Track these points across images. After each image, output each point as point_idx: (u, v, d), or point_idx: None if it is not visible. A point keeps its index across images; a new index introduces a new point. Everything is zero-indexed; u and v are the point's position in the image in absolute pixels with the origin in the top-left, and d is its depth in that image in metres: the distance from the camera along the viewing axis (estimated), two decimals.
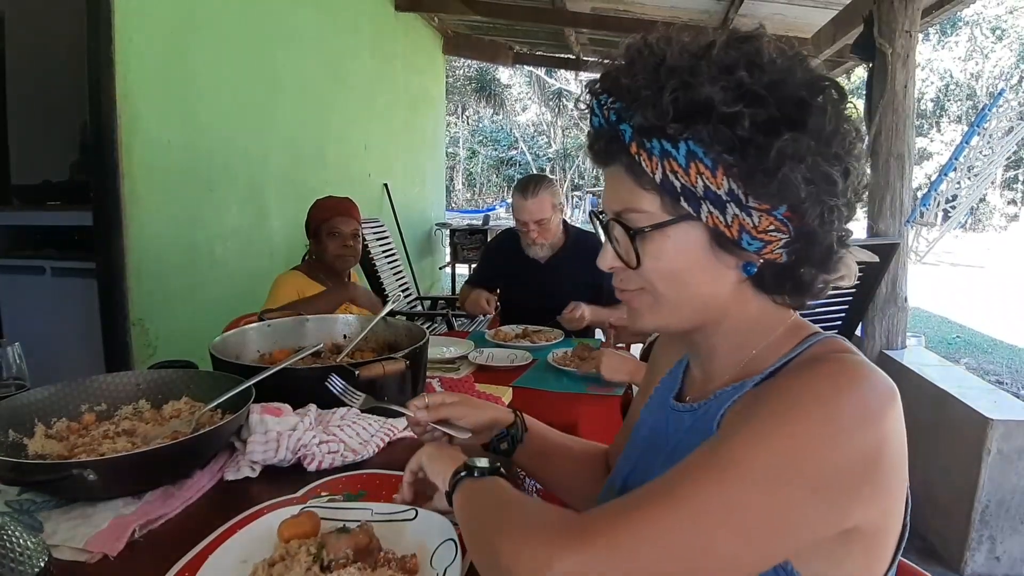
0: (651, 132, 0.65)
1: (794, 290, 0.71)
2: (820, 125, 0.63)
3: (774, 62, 0.64)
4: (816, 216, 0.65)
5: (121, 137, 2.53)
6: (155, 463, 0.97)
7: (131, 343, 2.62)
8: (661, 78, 0.64)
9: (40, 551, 0.75)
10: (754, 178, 0.63)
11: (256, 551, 0.80)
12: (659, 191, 0.67)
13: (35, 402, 1.14)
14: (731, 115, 0.62)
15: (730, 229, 0.65)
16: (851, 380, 0.60)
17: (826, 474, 0.57)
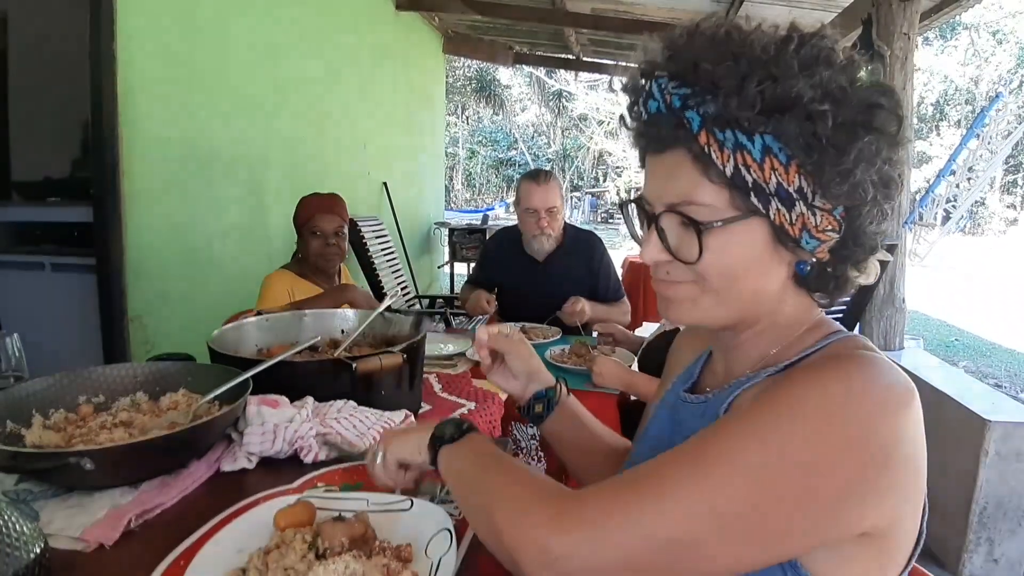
0: (727, 123, 0.62)
1: (835, 289, 0.71)
2: (889, 129, 0.64)
3: (844, 64, 0.64)
4: (871, 216, 0.66)
5: (122, 134, 2.53)
6: (152, 453, 0.97)
7: (129, 339, 2.62)
8: (742, 68, 0.62)
9: (36, 537, 0.75)
10: (828, 177, 0.63)
11: (252, 540, 0.80)
12: (728, 185, 0.64)
13: (33, 393, 1.14)
14: (818, 113, 0.61)
15: (793, 227, 0.65)
16: (865, 379, 0.59)
17: (820, 475, 0.55)
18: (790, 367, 0.69)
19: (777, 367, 0.71)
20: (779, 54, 0.62)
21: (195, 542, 0.85)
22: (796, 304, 0.73)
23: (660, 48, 0.67)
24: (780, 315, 0.73)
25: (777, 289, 0.71)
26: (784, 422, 0.57)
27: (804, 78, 0.61)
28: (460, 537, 0.83)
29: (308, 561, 0.72)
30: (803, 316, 0.73)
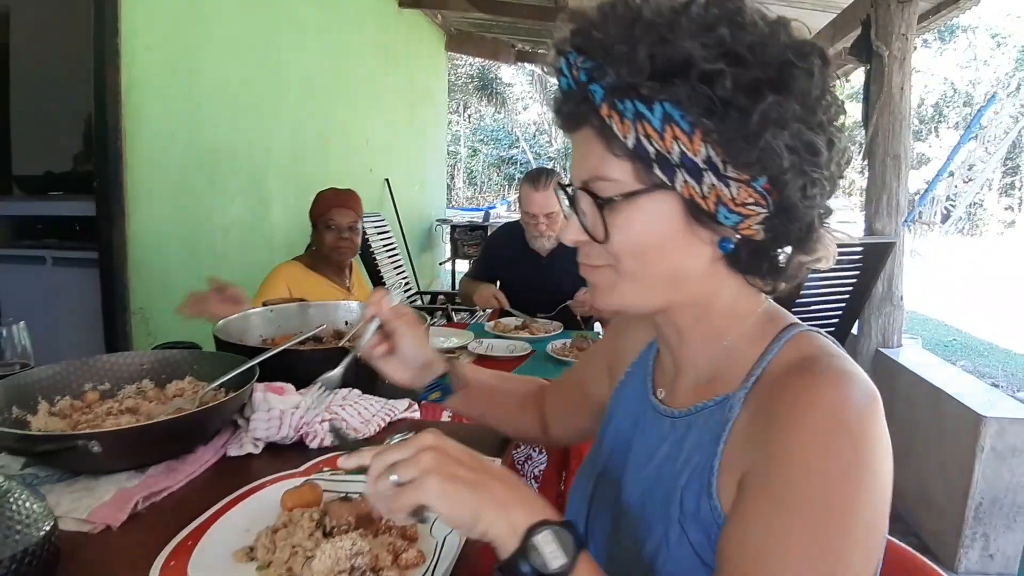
0: (624, 92, 0.59)
1: (771, 271, 0.67)
2: (805, 90, 0.60)
3: (756, 23, 0.60)
4: (798, 189, 0.61)
5: (125, 128, 2.54)
6: (159, 437, 0.99)
7: (131, 332, 2.63)
8: (636, 33, 0.59)
9: (45, 515, 0.76)
10: (734, 144, 0.59)
11: (259, 520, 0.82)
12: (631, 157, 0.61)
13: (38, 380, 1.16)
14: (712, 73, 0.57)
15: (707, 200, 0.61)
16: (855, 413, 0.58)
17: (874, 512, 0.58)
18: (758, 381, 0.67)
19: (745, 385, 0.67)
20: (675, 16, 0.59)
21: (202, 523, 0.86)
22: (734, 290, 0.69)
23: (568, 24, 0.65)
24: (717, 302, 0.69)
25: (702, 271, 0.66)
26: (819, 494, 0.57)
27: (699, 38, 0.58)
28: None
29: (315, 539, 0.74)
30: (745, 305, 0.70)
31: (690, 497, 0.66)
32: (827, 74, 0.62)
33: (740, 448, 0.64)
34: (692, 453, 0.68)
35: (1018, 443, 2.32)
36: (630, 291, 0.67)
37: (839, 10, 3.95)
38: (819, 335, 0.69)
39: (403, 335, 0.93)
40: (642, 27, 0.59)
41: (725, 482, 0.64)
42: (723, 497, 0.64)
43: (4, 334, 1.30)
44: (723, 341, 0.71)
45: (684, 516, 0.66)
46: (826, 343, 0.68)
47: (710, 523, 0.64)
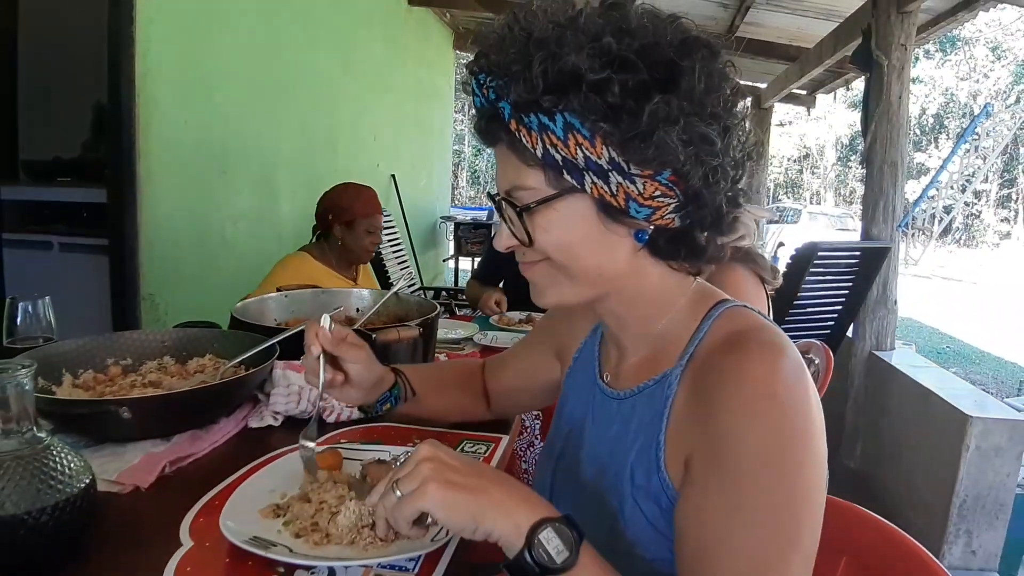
0: (527, 107, 0.64)
1: (689, 255, 0.71)
2: (691, 85, 0.63)
3: (644, 27, 0.64)
4: (700, 177, 0.65)
5: (138, 116, 2.58)
6: (186, 406, 1.05)
7: (141, 318, 2.68)
8: (530, 51, 0.63)
9: (84, 470, 0.81)
10: (631, 144, 0.63)
11: (283, 482, 0.87)
12: (542, 166, 0.66)
13: (63, 353, 1.21)
14: (599, 82, 0.61)
15: (616, 198, 0.65)
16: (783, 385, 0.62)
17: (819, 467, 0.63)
18: (692, 358, 0.71)
19: (680, 362, 0.72)
20: (562, 31, 0.63)
21: (229, 484, 0.91)
22: (661, 275, 0.73)
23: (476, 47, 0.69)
24: (646, 288, 0.74)
25: (625, 262, 0.71)
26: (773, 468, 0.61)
27: (585, 50, 0.61)
28: None
29: (340, 496, 0.80)
30: (673, 288, 0.75)
31: (640, 472, 0.71)
32: (714, 65, 0.65)
33: (682, 426, 0.69)
34: (638, 431, 0.73)
35: (1002, 443, 2.38)
36: (565, 285, 0.72)
37: (842, 19, 4.02)
38: (747, 309, 0.73)
39: (352, 361, 0.92)
40: (534, 45, 0.63)
41: (671, 456, 0.69)
42: (671, 471, 0.68)
43: (30, 309, 1.35)
44: (658, 323, 0.75)
45: (636, 490, 0.71)
46: (754, 317, 0.72)
47: (659, 494, 0.69)
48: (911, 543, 0.91)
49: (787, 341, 0.67)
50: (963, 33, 19.42)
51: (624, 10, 0.65)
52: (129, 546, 0.81)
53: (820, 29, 4.42)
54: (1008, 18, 18.52)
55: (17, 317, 1.29)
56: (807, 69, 4.81)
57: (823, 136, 24.03)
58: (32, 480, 0.74)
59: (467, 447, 1.08)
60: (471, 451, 1.07)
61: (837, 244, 3.62)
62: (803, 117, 20.85)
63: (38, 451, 0.76)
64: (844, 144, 23.67)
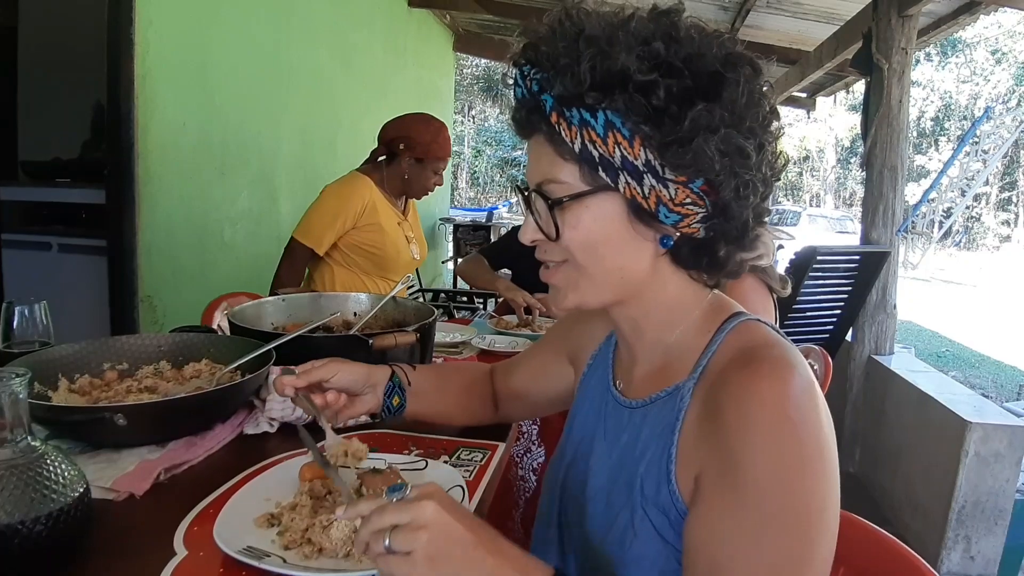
0: (570, 101, 0.65)
1: (710, 265, 0.72)
2: (733, 98, 0.64)
3: (691, 37, 0.66)
4: (731, 189, 0.66)
5: (138, 117, 2.58)
6: (181, 412, 1.04)
7: (139, 319, 2.67)
8: (580, 47, 0.64)
9: (79, 479, 0.81)
10: (669, 148, 0.64)
11: (278, 490, 0.87)
12: (578, 161, 0.67)
13: (59, 358, 1.21)
14: (646, 84, 0.63)
15: (647, 201, 0.66)
16: (795, 405, 0.62)
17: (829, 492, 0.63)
18: (704, 372, 0.71)
19: (692, 375, 0.71)
20: (613, 31, 0.64)
21: (224, 492, 0.91)
22: (679, 284, 0.74)
23: (522, 39, 0.71)
24: (663, 295, 0.74)
25: (647, 266, 0.71)
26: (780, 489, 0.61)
27: (635, 52, 0.63)
28: (471, 494, 0.90)
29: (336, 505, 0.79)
30: (690, 297, 0.75)
31: (650, 483, 0.71)
32: (756, 83, 0.67)
33: (693, 441, 0.68)
34: (649, 442, 0.73)
35: (1001, 448, 2.38)
36: (584, 287, 0.73)
37: (842, 22, 4.02)
38: (760, 323, 0.73)
39: (330, 375, 0.95)
40: (585, 42, 0.64)
41: (682, 470, 0.68)
42: (681, 484, 0.68)
43: (26, 313, 1.34)
44: (673, 333, 0.75)
45: (645, 500, 0.71)
46: (765, 331, 0.72)
47: (669, 507, 0.69)
48: (908, 553, 0.91)
49: (798, 358, 0.67)
50: (963, 36, 19.44)
51: (674, 18, 0.66)
52: (123, 555, 0.80)
53: (820, 32, 4.42)
54: (1009, 21, 18.54)
55: (14, 321, 1.29)
56: (807, 72, 4.81)
57: (823, 138, 24.03)
58: (26, 489, 0.74)
59: (463, 454, 1.08)
60: (467, 458, 1.06)
61: (836, 248, 3.61)
62: (803, 120, 20.86)
63: (32, 460, 0.76)
64: (844, 147, 23.66)
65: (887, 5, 3.10)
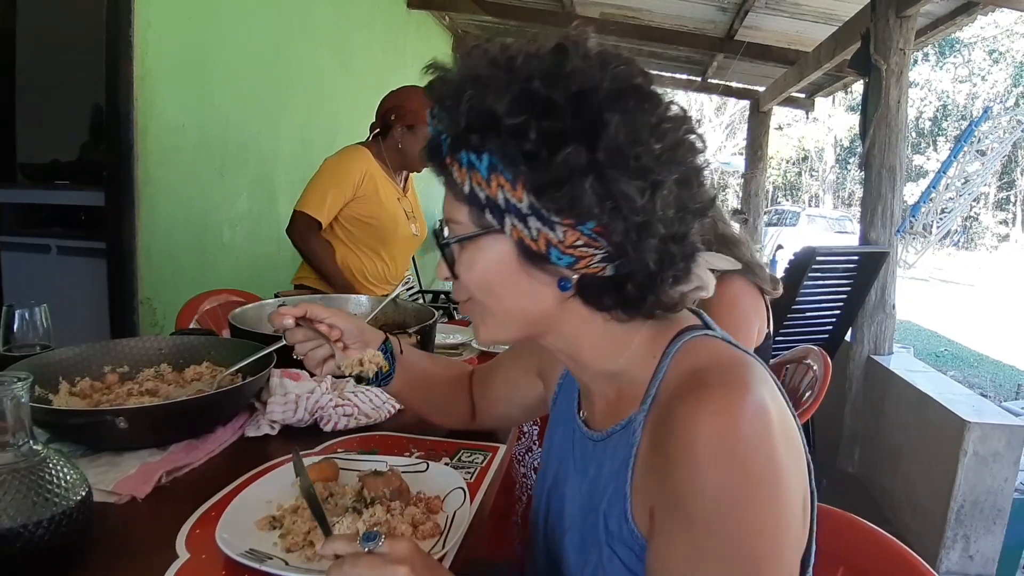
0: (458, 143, 0.64)
1: (624, 305, 0.67)
2: (612, 137, 0.60)
3: (581, 72, 0.61)
4: (621, 233, 0.62)
5: (137, 119, 2.57)
6: (183, 415, 1.04)
7: (139, 322, 2.67)
8: (464, 87, 0.63)
9: (81, 482, 0.81)
10: (545, 191, 0.61)
11: (280, 493, 0.87)
12: (468, 202, 0.65)
13: (59, 361, 1.21)
14: (516, 127, 0.60)
15: (536, 243, 0.63)
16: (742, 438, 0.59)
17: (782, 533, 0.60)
18: (655, 401, 0.68)
19: (642, 407, 0.69)
20: (496, 71, 0.62)
21: (226, 495, 0.91)
22: (602, 318, 0.70)
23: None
24: (587, 330, 0.70)
25: (551, 306, 0.68)
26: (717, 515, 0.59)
27: (510, 93, 0.61)
28: (473, 496, 0.91)
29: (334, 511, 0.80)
30: (624, 329, 0.70)
31: (613, 520, 0.69)
32: (648, 117, 0.62)
33: (645, 477, 0.66)
34: (608, 478, 0.71)
35: (999, 448, 2.39)
36: (492, 323, 0.71)
37: (840, 23, 4.02)
38: (707, 337, 0.70)
39: (330, 320, 0.96)
40: (467, 82, 0.63)
41: (637, 507, 0.67)
42: (638, 520, 0.66)
43: (27, 316, 1.34)
44: (615, 362, 0.72)
45: (611, 537, 0.69)
46: (715, 348, 0.69)
47: (632, 542, 0.67)
48: (907, 553, 0.92)
49: (751, 374, 0.63)
50: (961, 36, 19.47)
51: (564, 55, 0.62)
52: (126, 558, 0.81)
53: (819, 33, 4.43)
54: (1006, 20, 18.57)
55: (14, 324, 1.29)
56: (806, 73, 4.82)
57: (822, 139, 24.07)
58: (28, 493, 0.74)
59: (464, 456, 1.08)
60: (468, 460, 1.07)
61: (835, 249, 3.62)
62: (802, 120, 20.88)
63: (34, 464, 0.76)
64: (843, 147, 23.70)
65: (885, 6, 3.11)
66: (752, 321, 1.81)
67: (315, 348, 0.96)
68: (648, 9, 4.80)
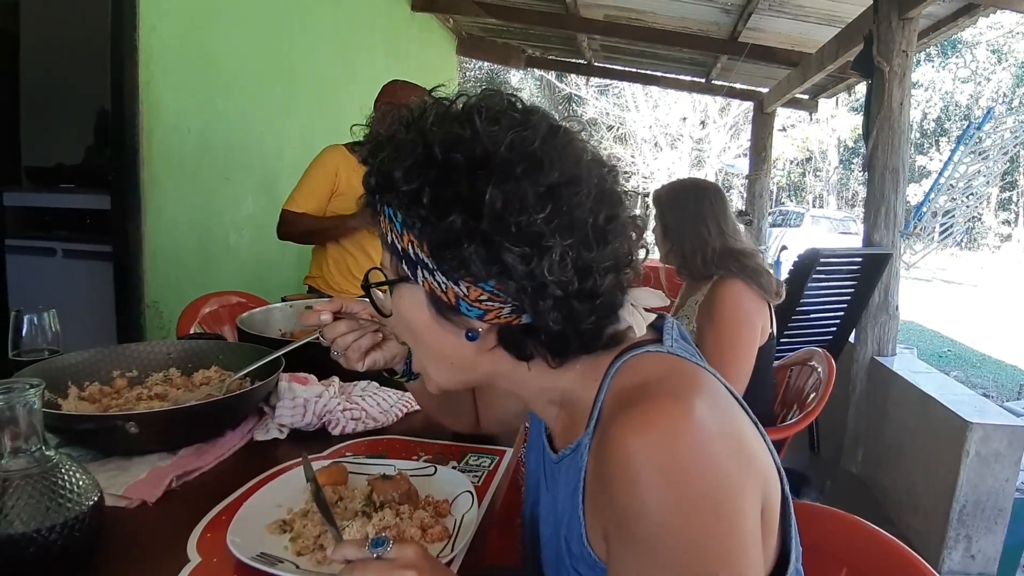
0: (376, 199, 0.67)
1: (546, 350, 0.67)
2: (493, 206, 0.60)
3: (480, 136, 0.62)
4: (513, 293, 0.63)
5: (142, 123, 2.59)
6: (192, 420, 1.05)
7: (145, 325, 2.68)
8: (379, 147, 0.66)
9: (92, 487, 0.82)
10: (440, 253, 0.63)
11: (290, 497, 0.88)
12: (389, 251, 0.68)
13: (68, 366, 1.22)
14: (411, 192, 0.62)
15: (446, 295, 0.65)
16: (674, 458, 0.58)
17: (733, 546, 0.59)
18: (600, 422, 0.67)
19: (587, 430, 0.68)
20: (404, 134, 0.65)
21: (236, 499, 0.92)
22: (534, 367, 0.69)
23: None
24: (521, 371, 0.70)
25: (473, 354, 0.69)
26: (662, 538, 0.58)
27: (408, 158, 0.63)
28: (480, 499, 0.91)
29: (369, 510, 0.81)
30: (557, 371, 0.69)
31: (573, 543, 0.69)
32: (529, 187, 0.61)
33: (594, 500, 0.66)
34: (565, 501, 0.71)
35: (1001, 448, 2.39)
36: (431, 370, 0.73)
37: (843, 24, 4.02)
38: (651, 353, 0.69)
39: (361, 313, 0.96)
40: (386, 143, 0.66)
41: (592, 530, 0.66)
42: (594, 544, 0.66)
43: (35, 321, 1.35)
44: (559, 391, 0.72)
45: (574, 559, 0.69)
46: (653, 363, 0.68)
47: (593, 564, 0.67)
48: (910, 554, 0.92)
49: (689, 387, 0.63)
50: (964, 36, 19.44)
51: (469, 119, 0.63)
52: (137, 562, 0.82)
53: (822, 35, 4.43)
54: (1009, 21, 18.53)
55: (23, 329, 1.30)
56: (809, 74, 4.82)
57: (825, 139, 24.02)
58: (41, 498, 0.75)
59: (472, 460, 1.09)
60: (476, 464, 1.08)
61: (839, 251, 3.62)
62: (805, 120, 20.86)
63: (47, 469, 0.77)
64: (847, 147, 23.66)
65: (888, 8, 3.10)
66: (755, 321, 1.82)
67: (358, 339, 0.95)
68: (652, 11, 4.80)
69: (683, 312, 1.96)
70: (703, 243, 1.85)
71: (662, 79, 7.39)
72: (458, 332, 0.67)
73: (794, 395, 2.11)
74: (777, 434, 1.86)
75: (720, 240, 1.85)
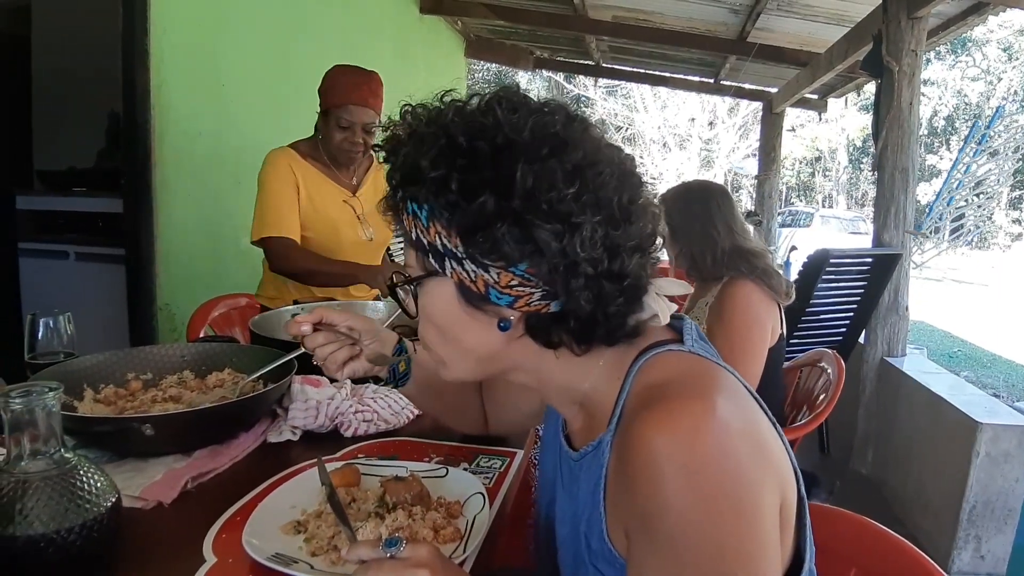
0: (400, 194, 0.68)
1: (572, 339, 0.68)
2: (524, 185, 0.62)
3: (502, 124, 0.64)
4: (546, 274, 0.64)
5: (154, 126, 2.61)
6: (207, 422, 1.07)
7: (157, 328, 2.70)
8: (402, 143, 0.68)
9: (110, 489, 0.83)
10: (470, 237, 0.64)
11: (304, 498, 0.89)
12: (414, 247, 0.69)
13: (83, 369, 1.24)
14: (439, 179, 0.64)
15: (475, 284, 0.66)
16: (698, 457, 0.58)
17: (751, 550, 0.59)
18: (622, 420, 0.68)
19: (609, 428, 0.69)
20: (427, 129, 0.66)
21: (250, 500, 0.94)
22: (560, 356, 0.70)
23: None
24: (548, 363, 0.71)
25: (501, 345, 0.70)
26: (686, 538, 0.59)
27: (433, 148, 0.64)
28: (492, 500, 0.92)
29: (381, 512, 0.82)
30: (582, 364, 0.71)
31: (593, 540, 0.69)
32: (551, 164, 0.63)
33: (616, 497, 0.67)
34: (585, 499, 0.71)
35: (1011, 448, 2.38)
36: (452, 364, 0.74)
37: (852, 24, 4.01)
38: (673, 352, 0.70)
39: (344, 321, 0.98)
40: (407, 136, 0.67)
41: (613, 527, 0.67)
42: (615, 540, 0.67)
43: (51, 324, 1.36)
44: (580, 387, 0.73)
45: (593, 556, 0.70)
46: (675, 361, 0.69)
47: (613, 560, 0.67)
48: (919, 555, 0.93)
49: (712, 386, 0.64)
50: (974, 35, 19.30)
51: (490, 110, 0.65)
52: (154, 562, 0.83)
53: (831, 34, 4.41)
54: (1019, 19, 18.39)
55: (38, 333, 1.31)
56: (818, 74, 4.80)
57: (835, 139, 23.90)
58: (60, 500, 0.76)
59: (483, 462, 1.10)
60: (487, 466, 1.08)
61: (848, 252, 3.60)
62: (815, 120, 20.77)
63: (65, 471, 0.78)
64: (856, 147, 23.53)
65: (897, 7, 3.09)
66: (765, 320, 1.83)
67: (335, 351, 0.97)
68: (660, 12, 4.80)
69: (693, 314, 1.96)
70: (712, 243, 1.85)
71: (670, 80, 7.38)
72: (486, 323, 0.68)
73: (804, 396, 2.11)
74: (787, 435, 1.85)
75: (729, 239, 1.85)
